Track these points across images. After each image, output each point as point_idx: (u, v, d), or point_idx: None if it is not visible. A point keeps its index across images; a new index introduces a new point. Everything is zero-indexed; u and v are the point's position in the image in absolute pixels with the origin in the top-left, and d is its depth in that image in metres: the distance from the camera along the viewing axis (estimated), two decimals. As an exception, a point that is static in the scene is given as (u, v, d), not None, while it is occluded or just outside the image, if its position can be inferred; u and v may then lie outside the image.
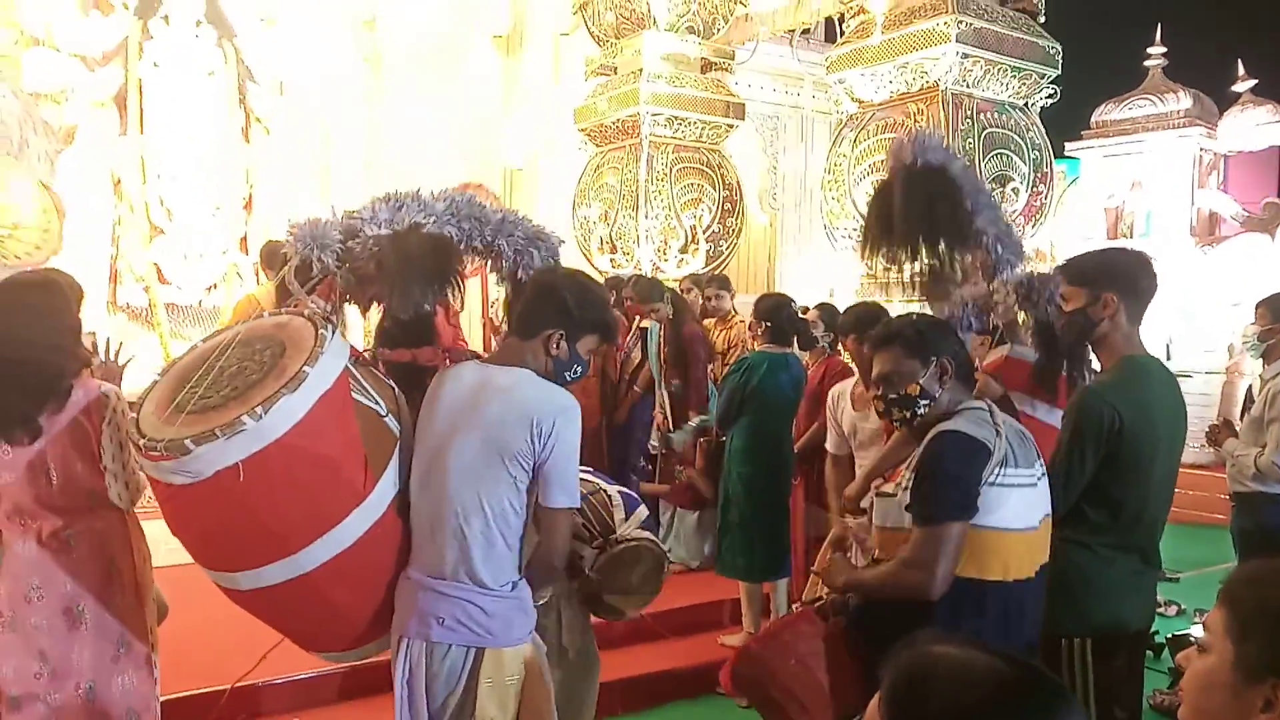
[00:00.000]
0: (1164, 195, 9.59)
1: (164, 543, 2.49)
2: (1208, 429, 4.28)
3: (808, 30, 7.18)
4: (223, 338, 2.05)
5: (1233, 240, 9.09)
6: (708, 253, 7.27)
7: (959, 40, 5.39)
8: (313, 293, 2.14)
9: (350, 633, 2.17)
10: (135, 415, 1.92)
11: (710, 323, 5.82)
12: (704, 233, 7.26)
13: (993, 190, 5.47)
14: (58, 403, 2.44)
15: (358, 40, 7.98)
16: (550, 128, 8.96)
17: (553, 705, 2.18)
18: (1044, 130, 5.91)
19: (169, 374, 2.01)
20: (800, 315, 4.63)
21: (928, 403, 2.12)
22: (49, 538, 2.46)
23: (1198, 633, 1.27)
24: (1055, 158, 6.17)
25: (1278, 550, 3.73)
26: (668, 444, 5.24)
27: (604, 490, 2.60)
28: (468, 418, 2.05)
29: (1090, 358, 2.66)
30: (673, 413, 5.25)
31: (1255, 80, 9.28)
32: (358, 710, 3.62)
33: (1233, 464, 4.07)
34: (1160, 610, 5.02)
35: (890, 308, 4.07)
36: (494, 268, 2.31)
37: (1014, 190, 5.60)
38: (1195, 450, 7.14)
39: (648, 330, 5.41)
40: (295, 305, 2.13)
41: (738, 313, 5.77)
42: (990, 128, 5.65)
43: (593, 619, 2.71)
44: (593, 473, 2.73)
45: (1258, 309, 4.23)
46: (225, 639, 3.28)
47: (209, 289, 6.95)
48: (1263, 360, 4.22)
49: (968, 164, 2.81)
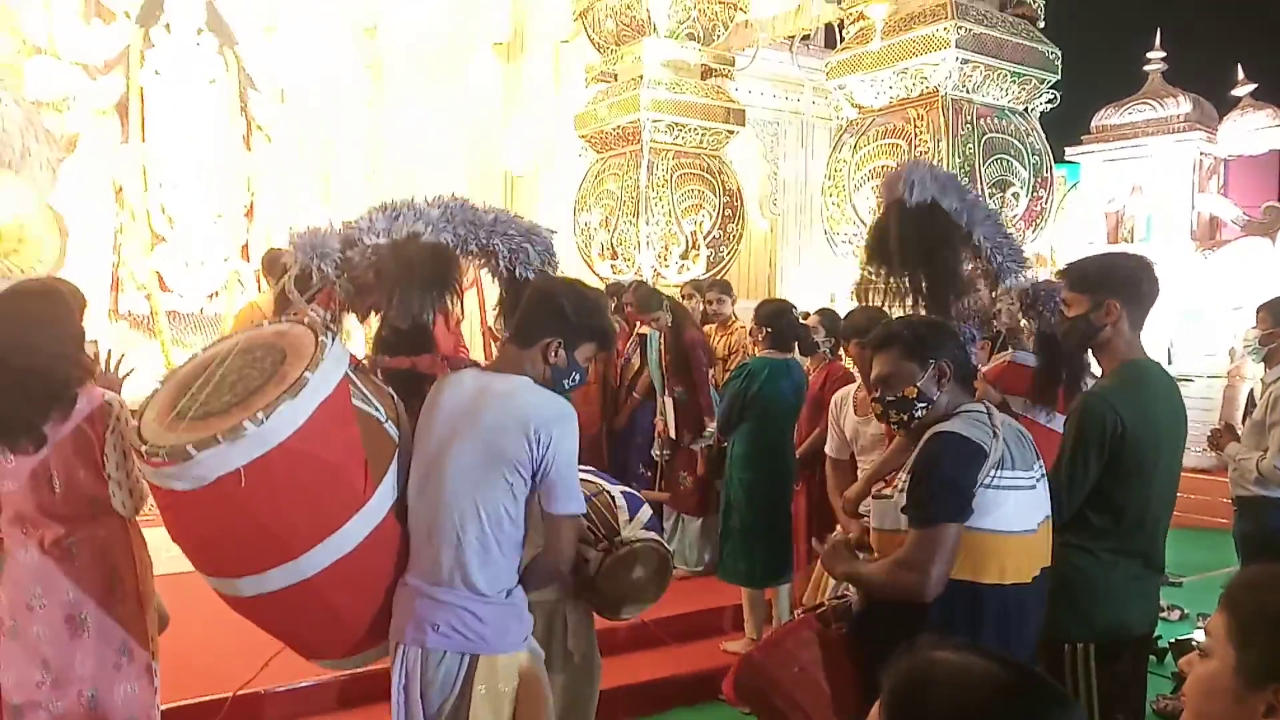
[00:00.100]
0: (1164, 199, 9.59)
1: (165, 550, 2.50)
2: (1209, 433, 4.28)
3: (808, 36, 7.21)
4: (224, 346, 2.07)
5: (1233, 244, 9.09)
6: (708, 258, 7.28)
7: (959, 46, 5.40)
8: (312, 301, 2.15)
9: (350, 639, 2.17)
10: (137, 423, 1.94)
11: (710, 328, 5.82)
12: (705, 238, 7.27)
13: (993, 195, 5.49)
14: (63, 411, 2.44)
15: (358, 48, 8.01)
16: (551, 134, 8.98)
17: (550, 713, 2.18)
18: (1044, 135, 5.92)
19: (171, 381, 2.02)
20: (801, 321, 4.63)
21: (925, 405, 2.12)
22: (51, 545, 2.46)
23: (1200, 637, 1.26)
24: (1055, 162, 6.18)
25: (1280, 554, 3.72)
26: (673, 452, 5.25)
27: (607, 491, 2.60)
28: (466, 425, 2.06)
29: (1090, 362, 2.67)
30: (676, 420, 5.25)
31: (1255, 84, 9.29)
32: (357, 717, 3.62)
33: (1234, 468, 4.07)
34: (1163, 615, 5.00)
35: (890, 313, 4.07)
36: (490, 268, 2.32)
37: (1014, 195, 5.60)
38: (1197, 454, 7.14)
39: (647, 337, 5.41)
40: (295, 314, 2.14)
41: (738, 318, 5.77)
42: (990, 133, 5.66)
43: (595, 623, 2.71)
44: (595, 473, 2.74)
45: (1259, 313, 4.23)
46: (226, 647, 3.28)
47: (210, 296, 6.96)
48: (1264, 364, 4.23)
49: (962, 183, 2.81)
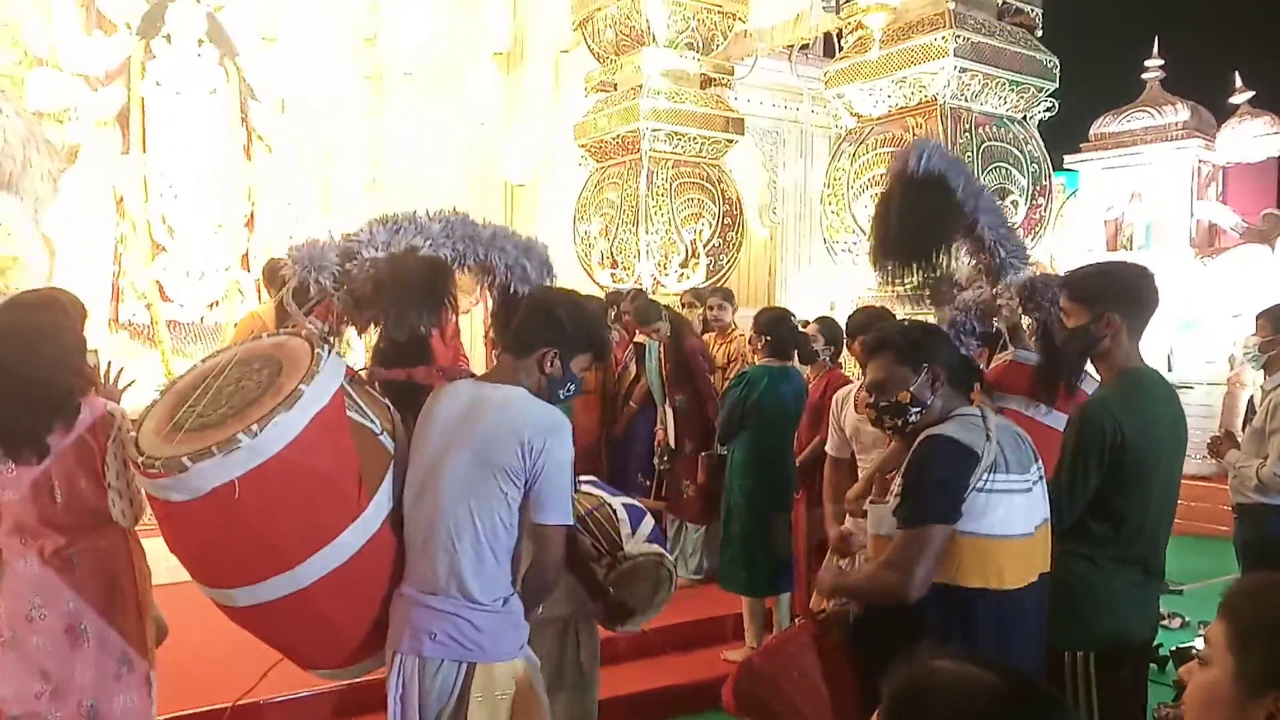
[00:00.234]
0: (1163, 207, 9.61)
1: (163, 561, 2.49)
2: (1209, 440, 4.28)
3: (806, 45, 7.22)
4: (221, 358, 2.08)
5: (1232, 251, 9.10)
6: (708, 267, 7.29)
7: (957, 55, 5.42)
8: (311, 314, 2.16)
9: (346, 649, 2.17)
10: (135, 434, 1.95)
11: (710, 337, 5.83)
12: (704, 247, 7.28)
13: (992, 203, 5.49)
14: (66, 421, 2.45)
15: (359, 58, 8.03)
16: (551, 143, 9.00)
17: None
18: (1042, 143, 5.93)
19: (169, 393, 2.04)
20: (800, 329, 4.63)
21: (919, 410, 2.12)
22: (51, 556, 2.47)
23: (1201, 645, 1.26)
24: (1054, 170, 6.19)
25: (1281, 562, 3.71)
26: (673, 460, 5.24)
27: (608, 505, 2.60)
28: (460, 434, 2.07)
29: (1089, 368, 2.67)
30: (677, 429, 5.24)
31: (1253, 92, 9.31)
32: (357, 728, 3.61)
33: (1234, 475, 4.06)
34: (1164, 622, 4.99)
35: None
36: (488, 283, 2.33)
37: (1013, 203, 5.61)
38: (1197, 461, 7.13)
39: (645, 346, 5.41)
40: (293, 326, 2.16)
41: (738, 326, 5.78)
42: (989, 141, 5.67)
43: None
44: (596, 484, 2.74)
45: (1258, 320, 4.23)
46: (225, 658, 3.27)
47: (211, 306, 6.96)
48: (1264, 371, 4.22)
49: (968, 169, 2.82)
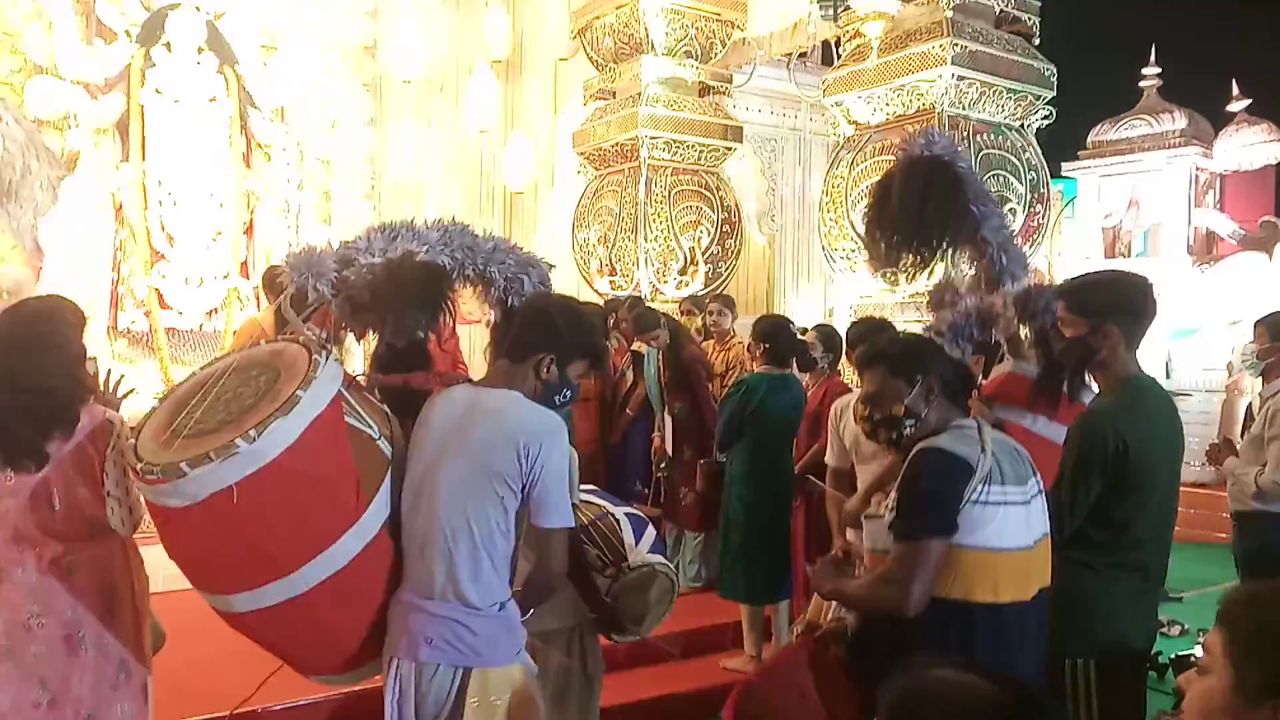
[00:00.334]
0: (1161, 215, 9.62)
1: (161, 568, 2.49)
2: (1208, 448, 4.27)
3: (805, 54, 7.23)
4: (220, 365, 2.10)
5: (1230, 259, 9.11)
6: (707, 274, 7.30)
7: (954, 63, 5.43)
8: (309, 321, 2.16)
9: (345, 654, 2.18)
10: (134, 441, 1.96)
11: (709, 344, 5.83)
12: (703, 255, 7.29)
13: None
14: (65, 430, 2.45)
15: (358, 66, 8.05)
16: (549, 152, 9.01)
17: None
18: (1040, 151, 5.94)
19: (167, 400, 2.05)
20: (799, 336, 4.63)
21: (913, 422, 2.11)
22: (50, 564, 2.46)
23: (1200, 653, 1.27)
24: (1052, 178, 6.20)
25: (1280, 570, 3.71)
26: (672, 468, 5.24)
27: (611, 514, 2.60)
28: (457, 439, 2.08)
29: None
30: (676, 436, 5.24)
31: (1250, 100, 9.34)
32: (355, 735, 3.60)
33: (1233, 483, 4.05)
34: (1164, 630, 4.99)
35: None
36: (485, 295, 2.34)
37: (1011, 211, 5.61)
38: (1196, 469, 7.14)
39: (643, 354, 5.41)
40: (291, 333, 2.16)
41: (736, 334, 5.78)
42: (987, 149, 5.68)
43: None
44: (597, 493, 2.74)
45: (1256, 328, 4.23)
46: (223, 665, 3.27)
47: (210, 314, 6.96)
48: (1262, 379, 4.23)
49: (976, 172, 2.82)
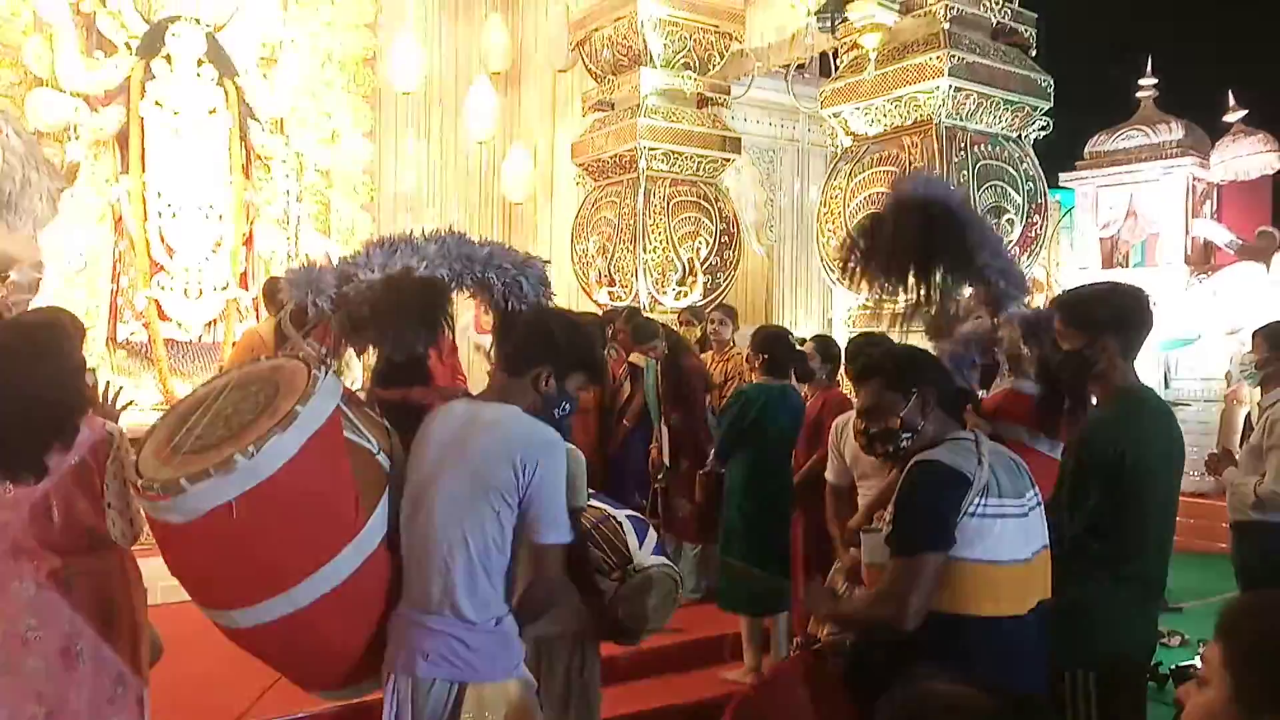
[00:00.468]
0: (1158, 225, 9.65)
1: (160, 581, 2.48)
2: (1207, 457, 4.27)
3: (803, 65, 7.26)
4: (221, 381, 2.11)
5: (1228, 269, 9.13)
6: (705, 285, 7.31)
7: (951, 74, 5.45)
8: (309, 336, 2.17)
9: (344, 669, 2.17)
10: (136, 457, 1.97)
11: (708, 355, 5.83)
12: (702, 265, 7.30)
13: (987, 222, 5.51)
14: (65, 442, 2.45)
15: (358, 78, 8.08)
16: (548, 163, 9.04)
17: None
18: (1037, 161, 5.96)
19: (169, 416, 2.06)
20: (798, 347, 4.63)
21: (909, 435, 2.11)
22: (48, 577, 2.45)
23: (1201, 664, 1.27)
24: (1049, 189, 6.22)
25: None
26: (669, 479, 5.23)
27: (613, 517, 2.60)
28: (454, 453, 2.08)
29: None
30: (674, 447, 5.24)
31: (1246, 110, 9.37)
32: (354, 749, 3.58)
33: (1232, 493, 4.05)
34: (1164, 641, 4.98)
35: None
36: (485, 302, 2.34)
37: (1008, 222, 5.63)
38: (1195, 479, 7.13)
39: (642, 366, 5.41)
40: (291, 349, 2.17)
41: (736, 344, 5.78)
42: (984, 160, 5.70)
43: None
44: (599, 496, 2.74)
45: (1254, 338, 4.24)
46: (221, 679, 3.26)
47: (209, 325, 6.96)
48: (1260, 389, 4.23)
49: (969, 200, 2.85)
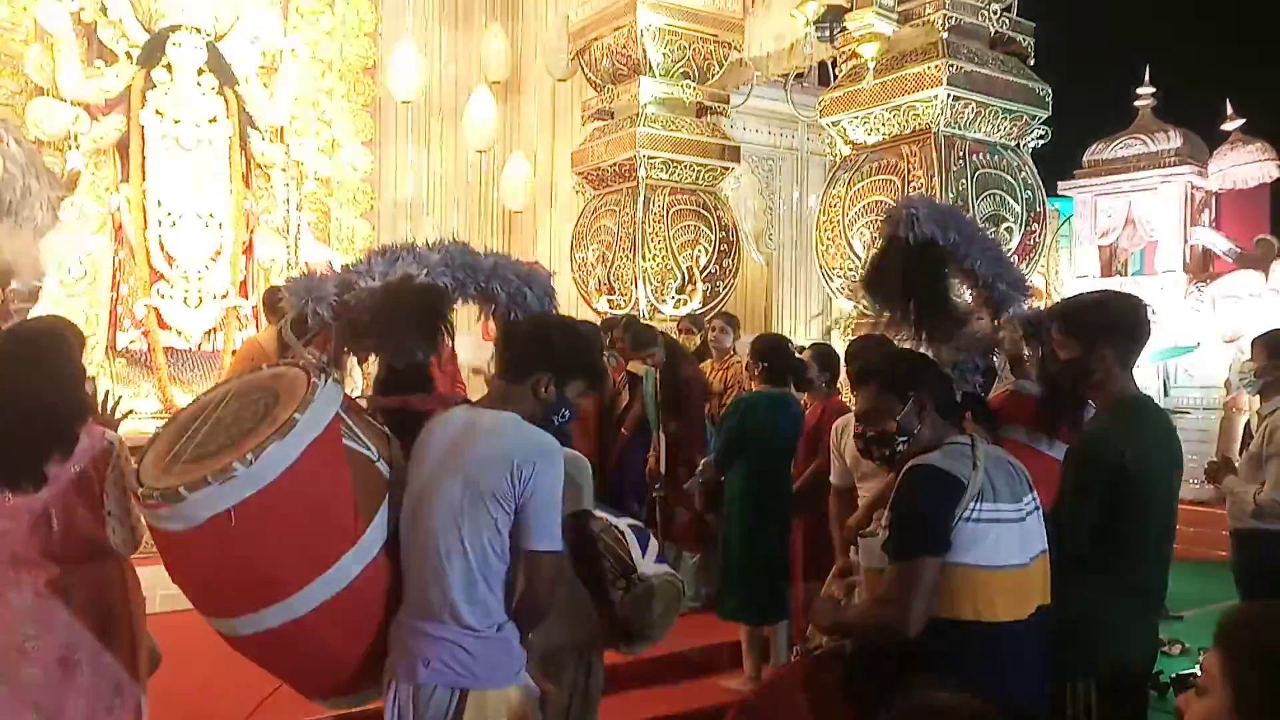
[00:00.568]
0: (1156, 233, 9.67)
1: (158, 589, 2.48)
2: (1206, 465, 4.27)
3: (801, 74, 7.28)
4: (222, 390, 2.12)
5: (1226, 277, 9.15)
6: (705, 293, 7.32)
7: (950, 83, 5.47)
8: (310, 345, 2.17)
9: (346, 677, 2.17)
10: (137, 466, 1.98)
11: (708, 363, 5.84)
12: (701, 274, 7.31)
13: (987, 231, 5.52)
14: (64, 451, 2.45)
15: (358, 87, 8.11)
16: (548, 172, 9.06)
17: None
18: (1036, 170, 5.98)
19: (170, 426, 2.07)
20: (797, 355, 4.63)
21: (905, 439, 2.11)
22: (46, 586, 2.45)
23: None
24: (1048, 197, 6.23)
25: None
26: (667, 488, 5.23)
27: (615, 526, 2.60)
28: (452, 460, 2.08)
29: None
30: (670, 455, 5.23)
31: (1244, 119, 9.40)
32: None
33: (1232, 501, 4.05)
34: (1164, 649, 4.97)
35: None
36: (488, 311, 2.34)
37: (1007, 230, 5.65)
38: (1195, 487, 7.14)
39: (640, 374, 5.41)
40: (292, 357, 2.17)
41: (737, 353, 5.79)
42: (983, 168, 5.71)
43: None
44: (599, 505, 2.73)
45: (1253, 346, 4.24)
46: (220, 687, 3.25)
47: (209, 333, 6.97)
48: (1259, 397, 4.23)
49: (963, 214, 2.86)
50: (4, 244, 3.50)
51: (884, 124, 5.84)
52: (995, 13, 5.80)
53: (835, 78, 6.36)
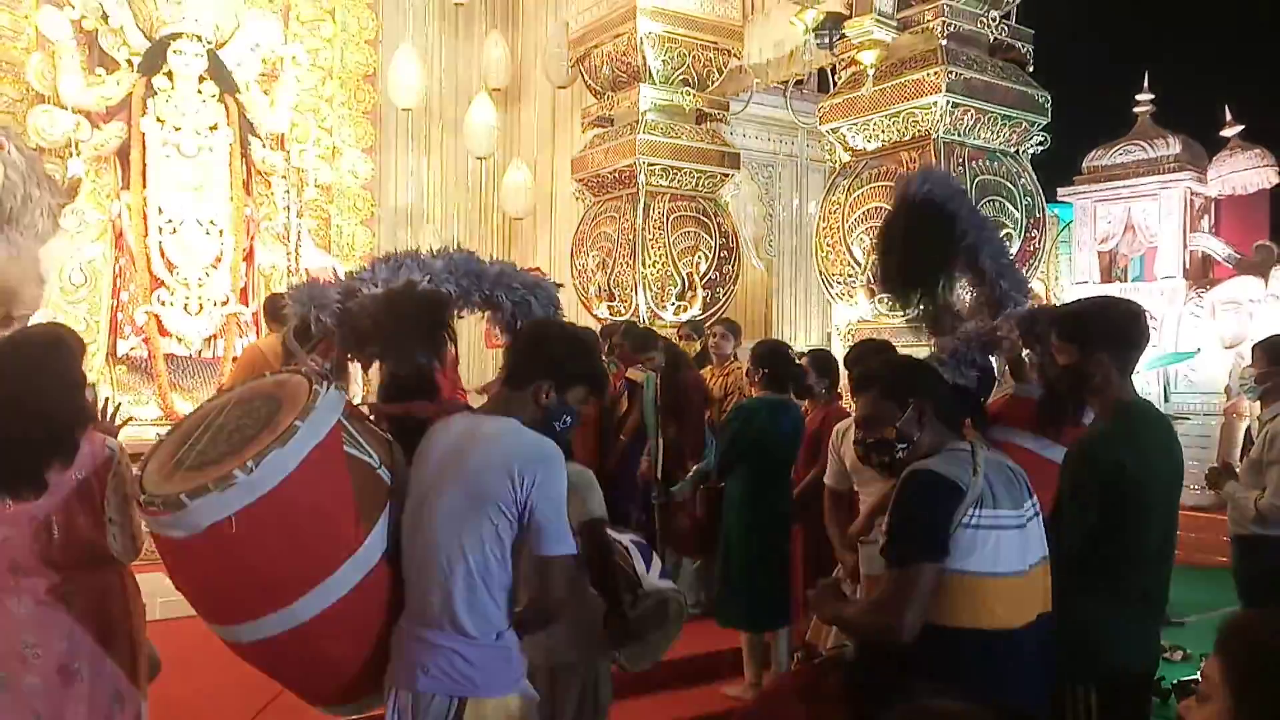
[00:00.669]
0: (1156, 239, 9.68)
1: (158, 596, 2.48)
2: (1207, 471, 4.27)
3: (801, 81, 7.30)
4: (225, 396, 2.13)
5: (1226, 283, 9.15)
6: (705, 299, 7.33)
7: (949, 90, 5.48)
8: (313, 352, 2.18)
9: (347, 683, 2.17)
10: (140, 473, 1.98)
11: (708, 369, 5.84)
12: (701, 280, 7.32)
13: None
14: (65, 458, 2.45)
15: (358, 94, 8.13)
16: (548, 178, 9.07)
17: None
18: (1035, 176, 5.98)
19: (174, 433, 2.08)
20: (797, 362, 4.63)
21: (905, 445, 2.11)
22: (47, 593, 2.45)
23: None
24: (1048, 203, 6.24)
25: (1281, 594, 3.70)
26: (666, 494, 5.22)
27: (619, 541, 2.60)
28: (453, 467, 2.08)
29: None
30: (669, 461, 5.23)
31: (1243, 125, 9.42)
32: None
33: (1233, 507, 4.05)
34: (1166, 655, 4.96)
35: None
36: (493, 319, 2.35)
37: (1007, 236, 5.65)
38: (1196, 492, 7.13)
39: (640, 381, 5.41)
40: (295, 364, 2.18)
41: (737, 359, 5.79)
42: (982, 175, 5.72)
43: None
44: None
45: (1254, 352, 4.25)
46: (221, 694, 3.25)
47: (209, 340, 6.97)
48: (1260, 402, 4.23)
49: (970, 200, 2.87)
50: (8, 269, 3.51)
51: (883, 131, 5.85)
52: (994, 20, 5.81)
53: (835, 84, 6.37)
